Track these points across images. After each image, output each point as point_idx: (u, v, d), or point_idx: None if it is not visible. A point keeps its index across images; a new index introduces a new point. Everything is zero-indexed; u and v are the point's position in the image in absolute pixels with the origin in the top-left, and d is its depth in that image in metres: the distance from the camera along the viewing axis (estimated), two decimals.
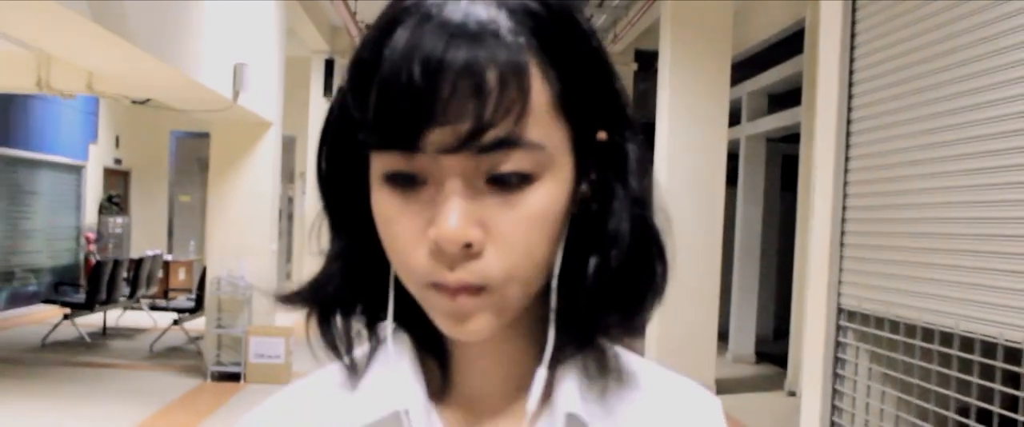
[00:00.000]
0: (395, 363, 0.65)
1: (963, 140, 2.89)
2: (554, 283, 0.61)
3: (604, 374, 0.67)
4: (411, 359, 0.66)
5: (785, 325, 8.63)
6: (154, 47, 4.99)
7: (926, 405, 3.11)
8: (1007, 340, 2.62)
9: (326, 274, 0.66)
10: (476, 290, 0.57)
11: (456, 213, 0.55)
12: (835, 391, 3.74)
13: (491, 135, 0.54)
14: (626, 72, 11.47)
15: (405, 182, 0.57)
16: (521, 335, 0.65)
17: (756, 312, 9.63)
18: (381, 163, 0.57)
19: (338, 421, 0.66)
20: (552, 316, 0.62)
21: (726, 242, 8.04)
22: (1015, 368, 2.60)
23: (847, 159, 3.68)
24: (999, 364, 2.67)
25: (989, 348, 2.73)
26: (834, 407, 3.74)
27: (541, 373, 0.62)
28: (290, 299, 0.67)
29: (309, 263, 0.67)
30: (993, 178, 2.75)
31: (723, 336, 9.53)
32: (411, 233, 0.57)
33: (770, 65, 8.78)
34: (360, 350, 0.68)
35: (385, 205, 0.58)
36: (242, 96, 6.87)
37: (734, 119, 9.24)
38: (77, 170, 12.65)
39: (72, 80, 6.90)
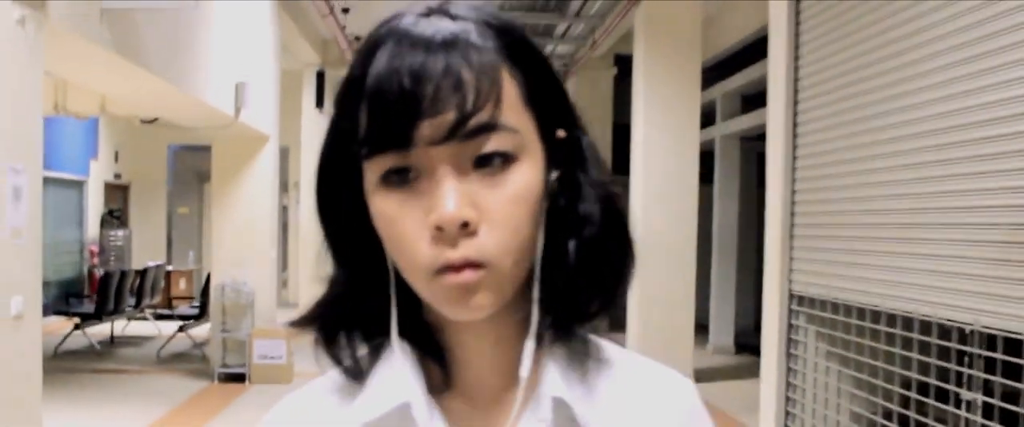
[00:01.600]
0: (398, 364, 0.70)
1: (893, 139, 3.18)
2: (537, 262, 0.67)
3: (586, 361, 0.71)
4: (412, 360, 0.70)
5: None
6: (166, 72, 5.22)
7: (860, 375, 3.48)
8: (921, 315, 2.99)
9: (329, 297, 0.72)
10: (478, 266, 0.62)
11: (451, 195, 0.61)
12: (789, 369, 4.07)
13: (474, 121, 0.61)
14: (606, 76, 11.76)
15: (400, 180, 0.62)
16: (513, 326, 0.69)
17: (735, 305, 9.80)
18: (377, 167, 0.63)
19: (347, 419, 0.70)
20: (535, 294, 0.67)
21: (705, 238, 8.26)
22: (928, 339, 3.00)
23: (795, 158, 3.96)
24: (916, 336, 3.06)
25: (908, 322, 3.11)
26: (788, 384, 4.08)
27: (529, 346, 0.67)
28: (299, 323, 0.73)
29: (305, 270, 0.83)
30: (917, 173, 3.04)
31: (705, 329, 9.80)
32: (413, 225, 0.62)
33: (742, 67, 9.01)
34: (361, 353, 0.72)
35: (385, 206, 0.63)
36: (243, 113, 7.09)
37: (710, 120, 9.51)
38: (79, 185, 12.68)
39: (87, 103, 7.03)
